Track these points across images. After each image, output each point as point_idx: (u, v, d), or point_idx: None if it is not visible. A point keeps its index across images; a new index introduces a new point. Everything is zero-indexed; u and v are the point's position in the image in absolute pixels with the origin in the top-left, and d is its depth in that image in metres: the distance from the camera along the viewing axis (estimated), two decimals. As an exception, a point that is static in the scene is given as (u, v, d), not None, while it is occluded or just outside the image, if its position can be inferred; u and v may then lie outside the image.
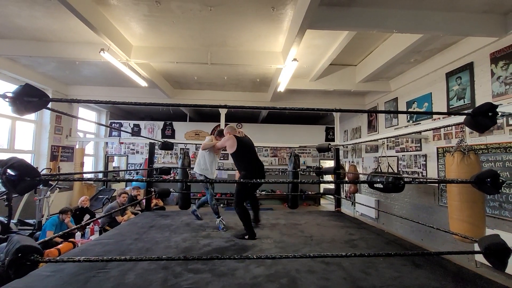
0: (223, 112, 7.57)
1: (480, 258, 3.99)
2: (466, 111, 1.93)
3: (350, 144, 8.46)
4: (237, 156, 3.26)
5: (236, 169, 3.44)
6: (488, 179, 1.70)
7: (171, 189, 4.79)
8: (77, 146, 7.90)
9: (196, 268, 2.12)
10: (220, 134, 3.73)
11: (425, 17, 3.71)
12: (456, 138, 4.60)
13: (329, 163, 10.41)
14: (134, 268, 2.09)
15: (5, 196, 4.40)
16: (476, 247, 1.73)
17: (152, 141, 4.82)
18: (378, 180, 2.89)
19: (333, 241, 2.94)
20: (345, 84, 6.40)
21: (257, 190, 4.17)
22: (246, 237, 2.97)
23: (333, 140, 9.23)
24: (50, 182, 5.31)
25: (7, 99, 1.48)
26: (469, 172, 2.84)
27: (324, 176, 6.96)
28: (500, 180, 1.69)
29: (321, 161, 10.46)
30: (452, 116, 4.19)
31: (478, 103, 4.14)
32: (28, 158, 6.62)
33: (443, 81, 4.99)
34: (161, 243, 2.79)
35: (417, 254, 2.31)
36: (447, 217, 3.36)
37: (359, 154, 8.52)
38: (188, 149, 9.61)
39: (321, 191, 10.41)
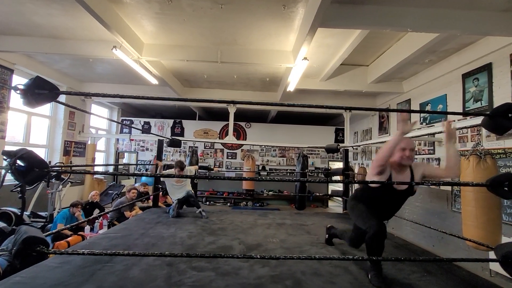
0: (232, 111, 7.57)
1: (495, 267, 3.82)
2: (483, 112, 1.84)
3: (360, 146, 8.30)
4: None
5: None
6: (506, 183, 1.62)
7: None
8: (89, 142, 8.06)
9: (200, 266, 2.11)
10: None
11: (442, 16, 3.58)
12: (471, 141, 4.44)
13: (338, 165, 10.25)
14: (139, 263, 2.10)
15: (19, 189, 4.53)
16: (492, 255, 1.65)
17: (161, 138, 4.87)
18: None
19: (341, 243, 2.87)
20: (356, 84, 6.27)
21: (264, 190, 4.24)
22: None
23: (342, 141, 9.08)
24: (62, 176, 5.45)
25: (18, 91, 1.50)
26: (486, 177, 2.72)
27: (332, 177, 6.87)
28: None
29: (329, 162, 10.32)
30: (468, 117, 4.03)
31: (497, 105, 3.96)
32: (42, 153, 6.80)
33: (459, 82, 4.82)
34: (166, 239, 2.80)
35: (428, 260, 2.23)
36: (460, 223, 3.23)
37: (369, 156, 8.35)
38: (196, 147, 9.77)
39: (329, 193, 10.29)
